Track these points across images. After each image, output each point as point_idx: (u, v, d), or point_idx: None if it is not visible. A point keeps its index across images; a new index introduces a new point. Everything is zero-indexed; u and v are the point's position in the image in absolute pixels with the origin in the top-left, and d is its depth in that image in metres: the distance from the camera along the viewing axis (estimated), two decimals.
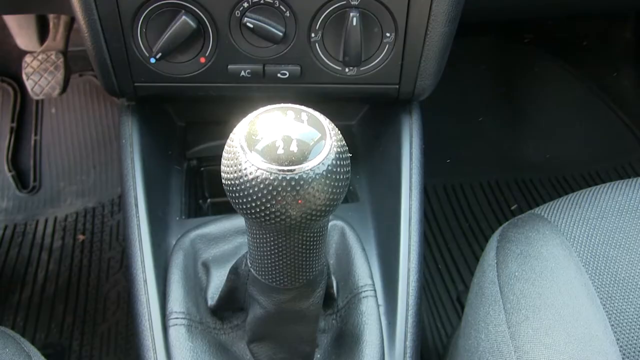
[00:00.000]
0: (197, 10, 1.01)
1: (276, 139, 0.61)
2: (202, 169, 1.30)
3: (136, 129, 1.15)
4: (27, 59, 2.09)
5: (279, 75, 1.06)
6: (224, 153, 0.64)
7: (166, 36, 1.02)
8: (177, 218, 1.15)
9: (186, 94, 1.11)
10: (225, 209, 1.20)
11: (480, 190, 2.20)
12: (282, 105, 0.65)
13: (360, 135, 1.31)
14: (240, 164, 0.61)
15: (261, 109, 0.65)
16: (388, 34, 1.03)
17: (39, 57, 2.09)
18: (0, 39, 2.46)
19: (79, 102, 2.42)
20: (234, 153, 0.61)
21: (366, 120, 1.31)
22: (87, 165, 2.28)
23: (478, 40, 2.47)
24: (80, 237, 2.07)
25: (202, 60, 1.06)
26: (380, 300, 1.04)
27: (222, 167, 0.63)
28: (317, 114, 0.65)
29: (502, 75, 2.53)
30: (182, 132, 1.32)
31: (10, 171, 2.27)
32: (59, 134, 2.37)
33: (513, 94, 2.49)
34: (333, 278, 1.02)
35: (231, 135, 0.63)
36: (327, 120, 0.65)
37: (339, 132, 0.64)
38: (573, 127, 2.43)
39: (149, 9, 1.01)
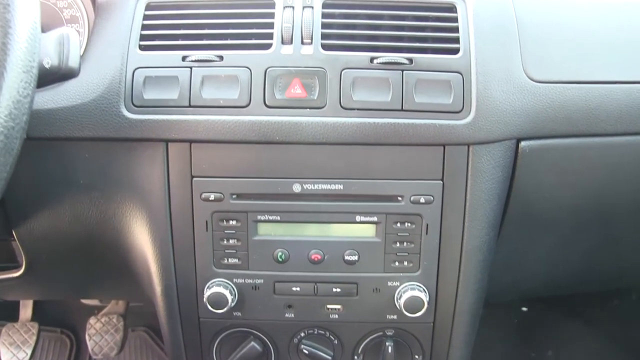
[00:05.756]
0: (263, 337, 1.25)
1: None
2: None
3: None
4: (92, 321, 2.34)
5: None
6: None
7: (237, 357, 1.26)
8: None
9: None
10: None
11: None
12: None
13: None
14: None
15: None
16: (417, 356, 1.27)
17: (102, 320, 2.34)
18: None
19: (129, 357, 2.62)
20: None
21: None
22: None
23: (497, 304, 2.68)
24: None
25: None
26: None
27: None
28: None
29: (523, 335, 2.70)
30: None
31: None
32: None
33: (535, 353, 2.64)
34: None
35: None
36: None
37: None
38: None
39: (225, 333, 1.26)
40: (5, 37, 0.76)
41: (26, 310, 2.49)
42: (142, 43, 1.13)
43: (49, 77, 0.92)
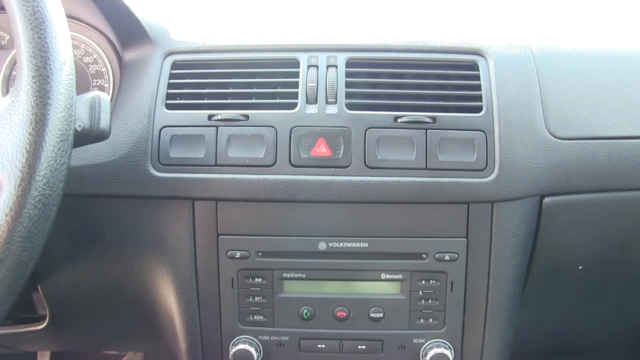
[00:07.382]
0: None
1: None
2: None
3: None
4: None
5: None
6: None
7: None
8: None
9: None
10: None
11: None
12: None
13: None
14: None
15: None
16: None
17: None
18: None
19: None
20: None
21: None
22: None
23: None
24: None
25: None
26: None
27: None
28: None
29: None
30: None
31: None
32: None
33: None
34: None
35: None
36: None
37: None
38: None
39: None
40: (44, 108, 0.78)
41: None
42: (169, 102, 1.16)
43: (80, 139, 0.93)
